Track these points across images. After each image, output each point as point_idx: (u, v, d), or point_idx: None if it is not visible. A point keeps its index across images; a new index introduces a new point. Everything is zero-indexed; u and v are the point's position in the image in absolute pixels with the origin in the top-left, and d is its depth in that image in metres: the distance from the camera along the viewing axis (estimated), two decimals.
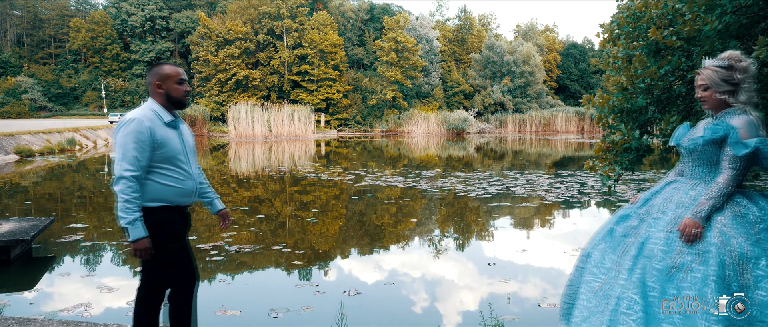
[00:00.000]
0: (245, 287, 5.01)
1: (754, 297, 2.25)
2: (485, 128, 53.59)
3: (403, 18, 55.88)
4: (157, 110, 2.73)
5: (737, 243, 2.34)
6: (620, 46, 6.15)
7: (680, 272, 2.39)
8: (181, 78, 2.80)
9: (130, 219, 2.54)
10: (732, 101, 2.61)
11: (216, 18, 53.36)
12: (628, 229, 2.70)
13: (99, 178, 14.71)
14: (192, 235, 7.12)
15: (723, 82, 2.59)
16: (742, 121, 2.50)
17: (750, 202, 2.49)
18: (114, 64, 57.84)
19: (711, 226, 2.44)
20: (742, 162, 2.48)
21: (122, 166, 2.55)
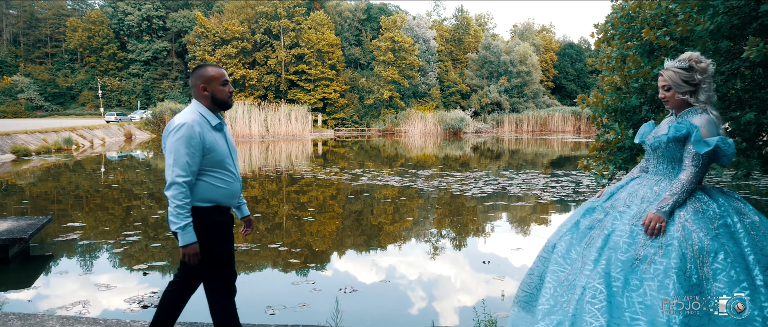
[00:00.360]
0: (242, 285, 5.04)
1: (712, 288, 2.36)
2: (482, 128, 53.66)
3: (400, 18, 55.93)
4: (204, 114, 2.71)
5: (698, 237, 2.44)
6: (614, 46, 6.20)
7: (643, 264, 2.48)
8: (225, 79, 2.78)
9: (181, 224, 2.54)
10: (693, 101, 2.71)
11: (213, 17, 53.32)
12: (594, 221, 2.78)
13: (95, 177, 14.72)
14: None
15: (684, 83, 2.70)
16: (703, 120, 2.61)
17: (710, 198, 2.61)
18: (110, 64, 57.77)
19: (673, 221, 2.54)
20: (703, 159, 2.59)
21: (174, 172, 2.55)
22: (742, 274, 2.36)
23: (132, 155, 23.13)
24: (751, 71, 5.73)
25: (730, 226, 2.50)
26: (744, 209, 2.60)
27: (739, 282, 2.34)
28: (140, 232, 7.31)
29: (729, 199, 2.63)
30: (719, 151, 2.59)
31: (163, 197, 10.64)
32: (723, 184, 11.66)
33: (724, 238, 2.45)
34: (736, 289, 2.33)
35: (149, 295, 4.67)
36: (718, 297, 2.33)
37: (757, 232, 2.51)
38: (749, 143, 5.44)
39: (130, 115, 49.13)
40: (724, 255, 2.40)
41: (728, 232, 2.48)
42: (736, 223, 2.50)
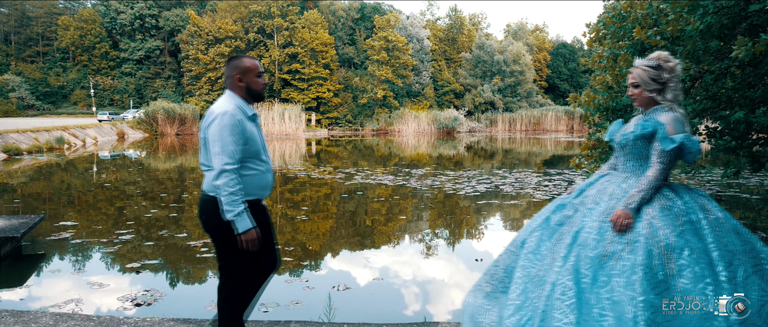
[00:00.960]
0: None
1: (677, 284, 2.41)
2: (475, 127, 53.79)
3: (394, 17, 55.94)
4: (239, 105, 2.69)
5: (664, 234, 2.48)
6: (606, 46, 6.25)
7: (611, 260, 2.52)
8: (260, 71, 2.79)
9: (237, 211, 2.52)
10: (660, 99, 2.76)
11: (206, 16, 53.15)
12: (564, 217, 2.82)
13: (88, 177, 14.66)
14: (182, 232, 7.15)
15: (651, 81, 2.74)
16: (669, 118, 2.66)
17: (676, 195, 2.65)
18: (103, 63, 57.43)
19: (640, 218, 2.58)
20: (669, 156, 2.64)
21: (222, 160, 2.52)
22: (706, 270, 2.41)
23: (124, 154, 23.04)
24: (741, 71, 5.80)
25: (695, 223, 2.55)
26: (708, 206, 2.64)
27: (703, 277, 2.39)
28: (133, 231, 7.29)
29: (694, 196, 2.67)
30: (684, 148, 2.64)
31: (155, 196, 10.61)
32: (714, 183, 11.77)
33: (689, 235, 2.50)
34: (700, 285, 2.38)
35: (142, 293, 4.67)
36: (683, 293, 2.38)
37: (721, 228, 2.56)
38: (738, 142, 5.50)
39: (122, 114, 48.87)
40: (689, 251, 2.45)
41: (693, 228, 2.53)
42: (700, 220, 2.55)
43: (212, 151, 2.56)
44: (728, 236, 2.54)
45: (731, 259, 2.47)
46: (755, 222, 7.87)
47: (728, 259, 2.47)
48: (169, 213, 8.64)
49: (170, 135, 40.56)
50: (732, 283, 2.41)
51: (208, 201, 2.66)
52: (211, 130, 2.59)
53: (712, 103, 5.73)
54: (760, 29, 5.24)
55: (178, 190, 11.81)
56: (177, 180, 13.92)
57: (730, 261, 2.46)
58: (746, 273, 2.46)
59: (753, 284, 2.45)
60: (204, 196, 2.71)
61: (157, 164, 18.45)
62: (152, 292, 4.68)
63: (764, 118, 5.35)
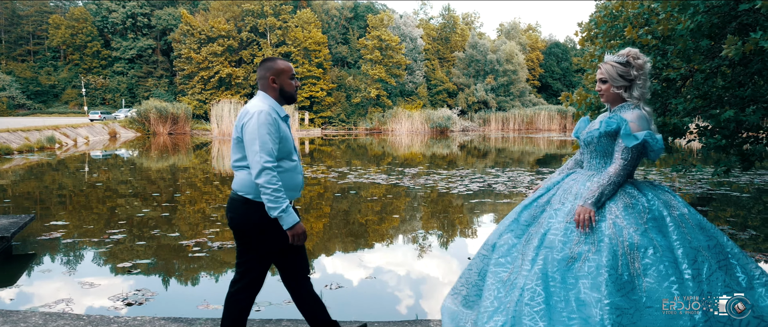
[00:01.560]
0: (227, 282, 5.01)
1: (642, 284, 2.39)
2: (469, 126, 53.86)
3: (387, 16, 55.94)
4: (273, 105, 2.73)
5: (628, 234, 2.47)
6: (598, 45, 6.28)
7: (577, 262, 2.50)
8: (293, 73, 2.83)
9: (282, 207, 2.55)
10: (626, 96, 2.76)
11: (198, 15, 52.93)
12: (531, 217, 2.82)
13: (79, 176, 14.56)
14: (175, 232, 7.12)
15: (619, 77, 2.74)
16: (634, 116, 2.66)
17: (640, 192, 2.64)
18: (94, 62, 57.04)
19: (604, 218, 2.56)
20: (631, 153, 2.63)
21: (262, 158, 2.54)
22: (670, 268, 2.40)
23: (117, 154, 22.91)
24: (731, 70, 5.84)
25: (659, 220, 2.53)
26: (673, 202, 2.63)
27: (668, 276, 2.38)
28: (125, 230, 7.25)
29: (658, 193, 2.67)
30: (647, 146, 2.63)
31: (148, 196, 10.56)
32: (705, 181, 11.84)
33: (653, 233, 2.49)
34: (665, 284, 2.37)
35: (133, 292, 4.65)
36: (648, 293, 2.36)
37: (686, 224, 2.55)
38: (729, 140, 5.54)
39: (114, 113, 48.61)
40: (654, 250, 2.44)
41: (657, 225, 2.52)
42: (665, 217, 2.53)
43: (251, 149, 2.58)
44: (693, 232, 2.53)
45: (696, 256, 2.46)
46: (746, 220, 7.93)
47: (693, 257, 2.45)
48: (161, 213, 8.60)
49: (163, 134, 40.37)
50: (696, 281, 2.39)
51: (238, 200, 2.70)
52: (248, 128, 2.61)
53: (703, 101, 5.77)
54: (750, 28, 5.28)
55: (171, 189, 11.76)
56: (169, 179, 13.86)
57: (695, 258, 2.45)
58: (711, 270, 2.45)
59: (717, 281, 2.44)
60: (234, 195, 2.74)
61: (150, 164, 18.37)
62: (144, 292, 4.65)
63: (754, 116, 5.40)
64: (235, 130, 2.71)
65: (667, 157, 17.45)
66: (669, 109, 5.82)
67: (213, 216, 8.36)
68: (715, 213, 8.45)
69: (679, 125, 5.41)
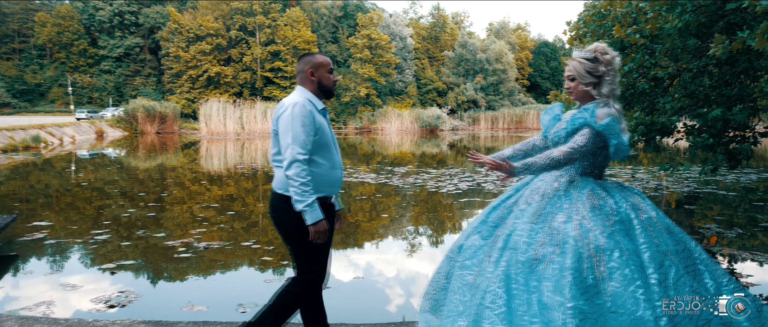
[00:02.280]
0: (213, 283, 4.98)
1: (607, 289, 2.31)
2: (458, 125, 53.96)
3: (377, 15, 55.88)
4: (310, 98, 2.71)
5: (594, 236, 2.40)
6: (586, 44, 6.27)
7: (541, 264, 2.42)
8: (331, 67, 2.81)
9: (308, 201, 2.52)
10: (595, 94, 2.69)
11: (186, 13, 52.56)
12: (499, 219, 2.76)
13: (65, 176, 14.37)
14: (161, 232, 7.03)
15: (587, 74, 2.67)
16: (602, 113, 2.59)
17: (607, 194, 2.59)
18: (81, 60, 56.39)
19: (571, 219, 2.49)
20: (586, 142, 2.56)
21: (294, 150, 2.52)
22: (636, 273, 2.33)
23: (104, 153, 22.67)
24: (718, 69, 5.86)
25: (626, 223, 2.46)
26: (642, 204, 2.57)
27: (634, 280, 2.30)
28: (110, 231, 7.15)
29: (626, 195, 2.61)
30: (607, 140, 2.55)
31: (134, 196, 10.44)
32: (692, 179, 11.91)
33: (620, 235, 2.42)
34: (630, 288, 2.29)
35: (117, 294, 4.57)
36: (614, 297, 2.28)
37: (654, 228, 2.48)
38: (716, 139, 5.56)
39: (101, 112, 48.15)
40: (620, 253, 2.36)
41: (624, 228, 2.45)
42: (632, 219, 2.47)
43: (284, 141, 2.56)
44: (661, 236, 2.46)
45: (662, 260, 2.39)
46: (731, 218, 7.98)
47: (659, 260, 2.38)
48: (147, 213, 8.50)
49: (151, 133, 40.04)
50: (663, 286, 2.32)
51: (280, 199, 2.67)
52: (282, 120, 2.59)
53: (690, 100, 5.78)
54: (736, 28, 5.30)
55: (158, 189, 11.64)
56: (157, 179, 13.72)
57: (662, 262, 2.38)
58: (678, 274, 2.38)
59: (684, 286, 2.36)
60: (275, 194, 2.71)
61: (137, 163, 18.19)
62: (127, 294, 4.58)
63: (741, 115, 5.42)
64: (273, 123, 2.70)
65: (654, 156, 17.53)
66: (657, 108, 5.83)
67: (200, 216, 8.27)
68: (702, 211, 8.50)
69: (667, 124, 5.41)
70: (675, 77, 5.64)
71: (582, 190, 2.61)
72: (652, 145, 5.67)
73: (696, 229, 7.02)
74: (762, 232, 6.82)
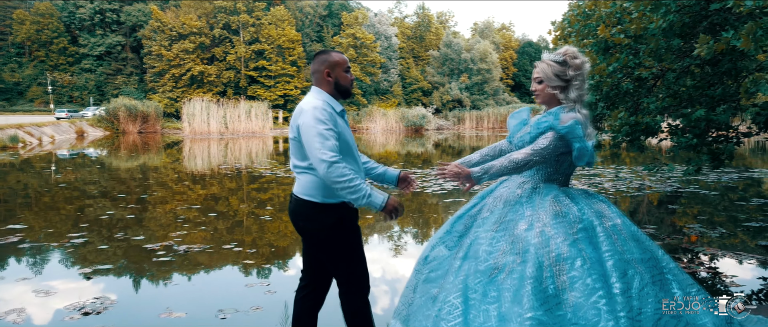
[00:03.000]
0: (193, 288, 4.85)
1: (568, 299, 2.22)
2: (443, 125, 54.06)
3: (362, 14, 55.76)
4: (328, 100, 2.61)
5: (555, 244, 2.32)
6: (571, 43, 6.26)
7: (501, 273, 2.34)
8: (348, 66, 2.71)
9: (364, 193, 2.45)
10: (562, 98, 2.62)
11: (169, 12, 51.96)
12: (465, 228, 2.69)
13: (43, 176, 14.06)
14: (140, 234, 6.87)
15: (555, 77, 2.61)
16: (568, 118, 2.52)
17: (571, 201, 2.51)
18: (61, 59, 55.42)
19: (532, 226, 2.41)
20: (547, 145, 2.49)
21: (325, 154, 2.41)
22: (598, 282, 2.24)
23: (84, 153, 22.29)
24: (701, 69, 5.87)
25: (590, 230, 2.38)
26: (606, 211, 2.50)
27: (596, 290, 2.22)
28: (88, 233, 6.98)
29: (590, 201, 2.54)
30: (572, 146, 2.48)
31: (114, 197, 10.23)
32: (675, 179, 12.00)
33: (584, 243, 2.34)
34: (592, 298, 2.21)
35: (92, 301, 4.42)
36: (575, 309, 2.20)
37: (618, 235, 2.40)
38: (699, 139, 5.57)
39: (82, 111, 47.41)
40: (582, 261, 2.28)
41: (588, 236, 2.37)
42: (596, 227, 2.39)
43: (312, 148, 2.45)
44: (626, 244, 2.38)
45: (626, 269, 2.30)
46: (712, 216, 8.04)
47: (623, 269, 2.29)
48: (127, 214, 8.32)
49: (132, 133, 39.52)
50: (626, 296, 2.23)
51: (305, 205, 2.58)
52: (304, 128, 2.49)
53: (674, 100, 5.79)
54: (720, 28, 5.31)
55: (139, 189, 11.43)
56: (139, 179, 13.48)
57: (625, 271, 2.29)
58: (642, 284, 2.29)
59: (649, 296, 2.27)
60: (297, 200, 2.61)
61: (119, 163, 17.89)
62: (103, 300, 4.43)
63: (724, 116, 5.43)
64: (291, 130, 2.61)
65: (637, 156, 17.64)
66: (641, 107, 5.83)
67: (181, 217, 8.11)
68: (684, 210, 8.55)
69: (651, 124, 5.41)
70: (659, 77, 5.64)
71: (545, 197, 2.53)
72: (636, 145, 5.66)
73: (679, 229, 7.05)
74: (743, 232, 6.86)
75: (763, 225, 7.20)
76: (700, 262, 5.43)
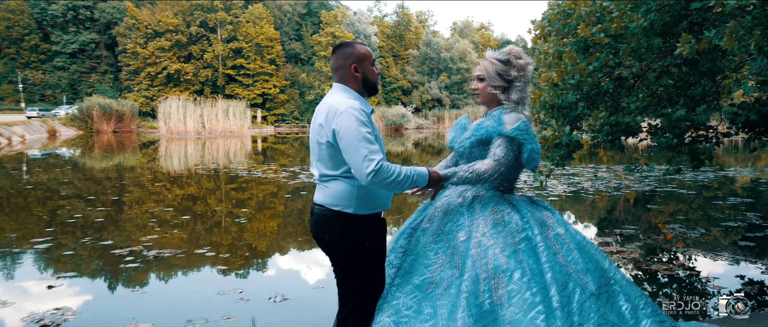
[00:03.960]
0: (162, 297, 4.64)
1: (505, 314, 2.06)
2: (423, 124, 54.09)
3: (341, 13, 55.49)
4: (358, 99, 2.35)
5: (493, 254, 2.17)
6: (551, 43, 6.19)
7: (438, 288, 2.20)
8: (374, 58, 2.46)
9: (410, 180, 2.22)
10: (503, 99, 2.51)
11: (145, 9, 51.06)
12: (406, 243, 2.54)
13: (13, 177, 13.59)
14: (109, 239, 6.60)
15: (497, 76, 2.50)
16: (511, 119, 2.41)
17: (513, 209, 2.37)
18: (33, 56, 53.98)
19: (471, 236, 2.27)
20: (506, 152, 2.36)
21: (375, 158, 2.15)
22: (538, 295, 2.09)
23: (57, 153, 21.70)
24: (679, 69, 5.84)
25: (532, 240, 2.24)
26: (550, 220, 2.36)
27: (535, 305, 2.07)
28: (53, 238, 6.68)
29: (534, 209, 2.41)
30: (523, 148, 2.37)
31: (85, 199, 9.89)
32: (652, 178, 12.07)
33: (526, 254, 2.19)
34: (530, 314, 2.05)
35: (52, 312, 4.18)
36: (512, 325, 2.05)
37: (562, 245, 2.26)
38: (680, 139, 5.53)
39: (54, 110, 46.31)
40: (522, 273, 2.13)
41: (530, 246, 2.22)
42: (536, 236, 2.25)
43: (357, 154, 2.16)
44: (569, 255, 2.24)
45: (567, 281, 2.15)
46: (687, 214, 8.07)
47: (563, 282, 2.14)
48: (96, 217, 8.02)
49: (107, 132, 38.73)
50: (566, 311, 2.08)
51: (333, 216, 2.32)
52: (346, 131, 2.19)
53: (654, 100, 5.75)
54: (699, 28, 5.27)
55: (110, 191, 11.09)
56: (113, 180, 13.09)
57: (566, 284, 2.14)
58: (583, 296, 2.14)
59: (590, 311, 2.12)
60: (325, 212, 2.35)
61: (93, 163, 17.42)
62: (64, 311, 4.20)
63: (704, 116, 5.40)
64: (317, 134, 2.31)
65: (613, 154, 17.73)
66: (621, 107, 5.77)
67: (153, 220, 7.85)
68: (658, 208, 8.56)
69: (632, 124, 5.35)
70: (639, 77, 5.59)
71: (486, 206, 2.39)
72: (616, 145, 5.60)
73: (654, 225, 7.03)
74: (721, 231, 6.87)
75: (740, 224, 7.22)
76: (681, 263, 5.39)
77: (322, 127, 2.29)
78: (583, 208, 8.92)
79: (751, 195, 10.09)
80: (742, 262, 5.42)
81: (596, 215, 8.38)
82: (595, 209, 8.83)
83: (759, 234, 6.65)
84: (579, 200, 9.61)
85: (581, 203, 9.35)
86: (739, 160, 17.84)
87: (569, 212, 8.61)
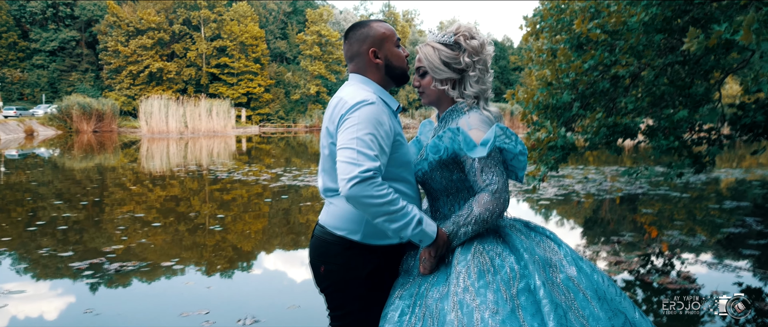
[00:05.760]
0: (118, 318, 4.19)
1: None
2: (410, 124, 53.80)
3: (327, 11, 55.04)
4: (380, 94, 1.83)
5: (480, 318, 1.51)
6: (543, 39, 5.86)
7: None
8: (398, 38, 1.92)
9: (407, 220, 1.63)
10: (455, 95, 1.88)
11: (126, 6, 50.18)
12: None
13: None
14: (68, 250, 6.11)
15: (444, 67, 1.86)
16: (474, 120, 1.80)
17: (504, 246, 1.71)
18: (11, 54, 52.69)
19: (447, 295, 1.61)
20: (498, 174, 1.71)
21: (359, 162, 1.59)
22: None
23: (35, 153, 21.03)
24: (681, 67, 5.51)
25: (535, 291, 1.56)
26: (556, 258, 1.70)
27: None
28: (9, 247, 6.19)
29: (533, 242, 1.74)
30: (507, 155, 1.78)
31: (50, 204, 9.35)
32: (643, 180, 11.78)
33: (526, 313, 1.52)
34: None
35: None
36: None
37: (576, 294, 1.61)
38: (681, 141, 5.21)
39: (32, 109, 45.30)
40: None
41: (532, 300, 1.55)
42: (539, 286, 1.56)
43: (343, 153, 1.64)
44: (586, 307, 1.59)
45: None
46: (672, 214, 7.82)
47: None
48: (59, 225, 7.50)
49: (87, 132, 37.92)
50: None
51: (333, 243, 1.83)
52: (344, 126, 1.68)
53: (653, 100, 5.42)
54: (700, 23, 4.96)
55: (79, 196, 10.55)
56: (86, 182, 12.54)
57: None
58: None
59: None
60: (323, 234, 1.87)
61: (72, 163, 16.82)
62: None
63: (708, 117, 5.08)
64: (328, 135, 1.81)
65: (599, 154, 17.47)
66: (617, 108, 5.44)
67: (121, 227, 7.36)
68: (643, 209, 8.27)
69: (630, 125, 5.02)
70: (636, 76, 5.25)
71: (467, 246, 1.71)
72: (613, 148, 5.26)
73: (640, 225, 6.71)
74: (717, 235, 6.57)
75: (741, 230, 6.92)
76: (678, 271, 5.05)
77: (327, 127, 1.83)
78: (576, 212, 8.60)
79: (746, 198, 9.86)
80: (742, 272, 5.10)
81: (590, 220, 8.06)
82: (585, 212, 8.51)
83: (762, 242, 6.35)
84: (570, 204, 9.29)
85: (574, 207, 9.02)
86: (728, 161, 17.70)
87: (563, 218, 8.28)
